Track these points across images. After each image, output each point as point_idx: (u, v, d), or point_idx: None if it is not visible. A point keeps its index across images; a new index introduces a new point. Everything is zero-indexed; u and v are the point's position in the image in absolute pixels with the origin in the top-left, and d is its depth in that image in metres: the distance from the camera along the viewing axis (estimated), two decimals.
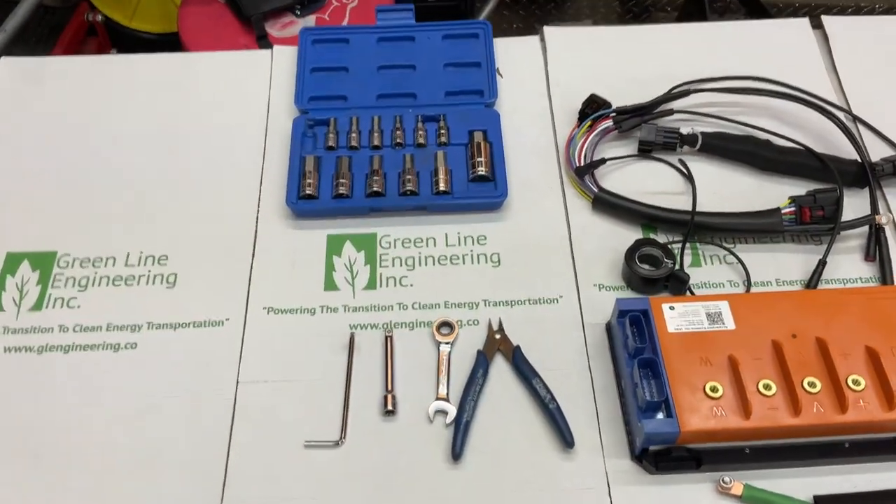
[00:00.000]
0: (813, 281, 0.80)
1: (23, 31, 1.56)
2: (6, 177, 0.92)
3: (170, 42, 1.76)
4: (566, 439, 0.72)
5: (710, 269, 0.83)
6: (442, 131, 0.91)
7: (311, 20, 1.47)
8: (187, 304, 0.82)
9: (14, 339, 0.80)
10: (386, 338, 0.79)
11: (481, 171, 0.88)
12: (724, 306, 0.73)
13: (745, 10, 1.81)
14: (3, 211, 0.89)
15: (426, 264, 0.85)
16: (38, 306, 0.82)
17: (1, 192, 0.91)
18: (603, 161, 0.89)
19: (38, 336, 0.80)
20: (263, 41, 1.45)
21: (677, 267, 0.80)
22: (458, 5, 1.76)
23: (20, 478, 0.72)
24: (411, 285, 0.83)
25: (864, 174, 0.86)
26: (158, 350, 0.79)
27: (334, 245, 0.86)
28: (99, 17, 1.76)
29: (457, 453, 0.71)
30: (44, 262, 0.85)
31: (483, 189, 0.88)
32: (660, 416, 0.68)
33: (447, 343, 0.79)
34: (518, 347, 0.77)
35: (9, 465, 0.73)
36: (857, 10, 1.89)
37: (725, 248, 0.83)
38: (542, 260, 0.84)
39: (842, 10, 1.91)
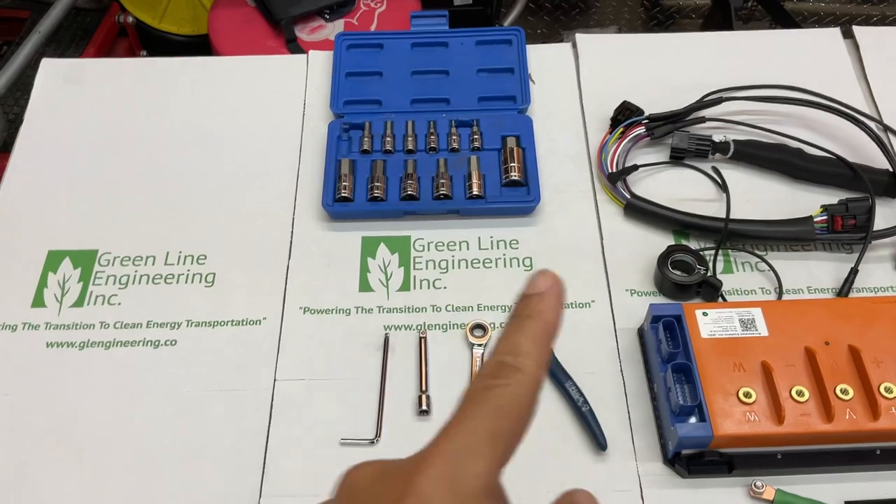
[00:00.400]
0: (844, 289, 0.81)
1: (56, 32, 1.59)
2: (47, 177, 0.94)
3: (199, 44, 1.79)
4: (599, 442, 0.73)
5: (741, 276, 0.83)
6: (475, 136, 0.93)
7: (339, 24, 1.50)
8: (225, 302, 0.83)
9: (56, 334, 0.82)
10: (420, 339, 0.80)
11: (514, 176, 0.89)
12: (757, 313, 0.74)
13: (770, 18, 1.81)
14: (44, 210, 0.91)
15: (459, 267, 0.86)
16: (79, 303, 0.84)
17: (42, 192, 0.93)
18: (635, 167, 0.89)
19: (79, 332, 0.82)
20: (293, 45, 1.47)
21: (710, 273, 0.81)
22: (483, 10, 1.78)
23: (62, 471, 0.74)
24: (445, 287, 0.84)
25: None
26: (197, 347, 0.80)
27: (369, 247, 0.87)
28: (129, 19, 1.79)
29: None
30: (85, 260, 0.87)
31: (516, 194, 0.89)
32: (693, 420, 0.69)
33: (480, 345, 0.80)
34: (550, 350, 0.78)
35: (51, 459, 0.74)
36: (883, 19, 1.89)
37: (757, 256, 0.84)
38: (574, 265, 0.85)
39: (867, 19, 1.92)
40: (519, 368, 0.33)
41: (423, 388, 0.77)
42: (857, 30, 1.02)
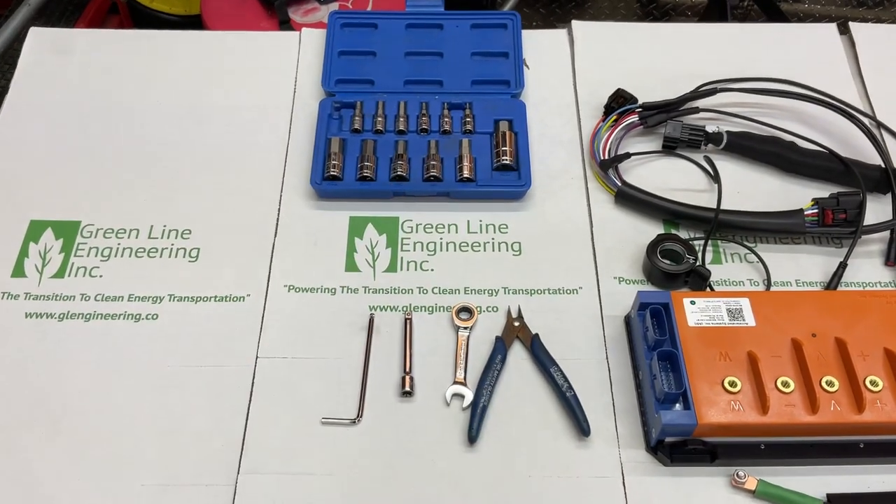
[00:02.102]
0: (833, 283, 0.80)
1: (46, 5, 1.57)
2: (32, 146, 0.93)
3: (191, 24, 1.76)
4: (582, 428, 0.72)
5: (730, 267, 0.83)
6: (467, 119, 0.92)
7: (334, 7, 1.48)
8: (209, 278, 0.82)
9: (35, 304, 0.81)
10: (405, 320, 0.79)
11: (506, 160, 0.88)
12: (745, 303, 0.74)
13: (765, 18, 1.81)
14: (28, 180, 0.90)
15: (447, 250, 0.85)
16: (60, 274, 0.83)
17: (26, 161, 0.91)
18: (627, 155, 0.89)
19: (59, 303, 0.81)
20: (286, 26, 1.45)
21: (699, 263, 0.80)
22: (479, 0, 1.77)
23: (40, 442, 0.72)
24: (432, 270, 0.83)
25: (887, 179, 0.86)
26: (179, 322, 0.79)
27: (356, 227, 0.86)
28: None
29: (472, 436, 0.72)
30: (67, 231, 0.86)
31: (506, 178, 0.88)
32: (677, 407, 0.69)
33: (466, 328, 0.79)
34: (537, 335, 0.78)
35: (28, 431, 0.73)
36: (878, 23, 1.89)
37: (747, 247, 0.83)
38: (562, 251, 0.85)
39: (862, 22, 1.92)
40: None
41: (407, 369, 0.76)
42: (853, 26, 1.02)
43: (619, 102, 0.92)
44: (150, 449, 0.72)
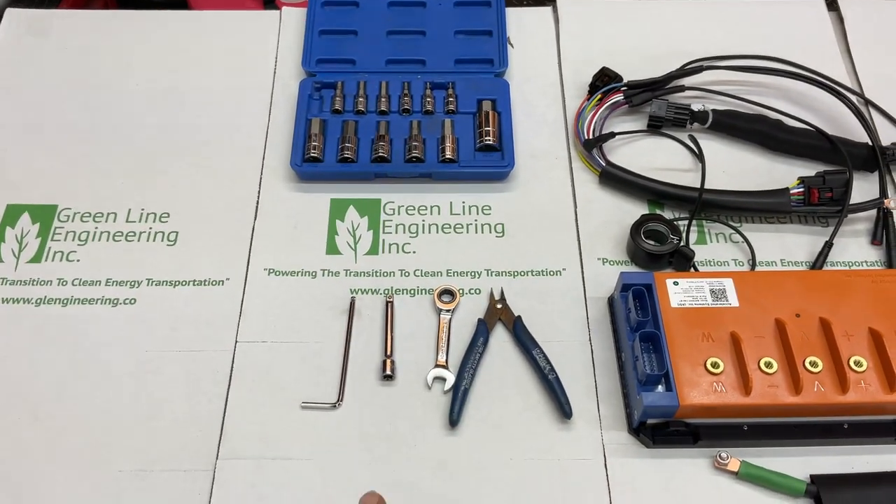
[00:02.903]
0: (818, 262, 0.79)
1: None
2: (8, 129, 0.91)
3: (177, 5, 1.74)
4: (564, 410, 0.71)
5: (715, 247, 0.82)
6: (450, 99, 0.91)
7: None
8: (188, 262, 0.81)
9: (12, 290, 0.79)
10: (387, 303, 0.78)
11: (489, 140, 0.87)
12: (728, 283, 0.73)
13: None
14: (4, 163, 0.89)
15: (429, 232, 0.84)
16: (37, 258, 0.81)
17: (2, 145, 0.90)
18: (612, 135, 0.88)
19: (36, 288, 0.80)
20: (271, 6, 1.43)
21: (683, 243, 0.79)
22: None
23: (16, 429, 0.71)
24: (414, 252, 0.82)
25: (875, 158, 0.85)
26: (157, 307, 0.78)
27: (337, 209, 0.85)
28: None
29: (454, 420, 0.71)
30: (44, 215, 0.84)
31: (490, 159, 0.87)
32: (659, 389, 0.68)
33: (448, 311, 0.78)
34: (519, 318, 0.77)
35: (4, 416, 0.72)
36: None
37: (731, 227, 0.83)
38: (546, 232, 0.84)
39: None
40: None
41: (388, 352, 0.75)
42: (841, 2, 1.01)
43: (604, 81, 0.90)
44: (128, 434, 0.71)
